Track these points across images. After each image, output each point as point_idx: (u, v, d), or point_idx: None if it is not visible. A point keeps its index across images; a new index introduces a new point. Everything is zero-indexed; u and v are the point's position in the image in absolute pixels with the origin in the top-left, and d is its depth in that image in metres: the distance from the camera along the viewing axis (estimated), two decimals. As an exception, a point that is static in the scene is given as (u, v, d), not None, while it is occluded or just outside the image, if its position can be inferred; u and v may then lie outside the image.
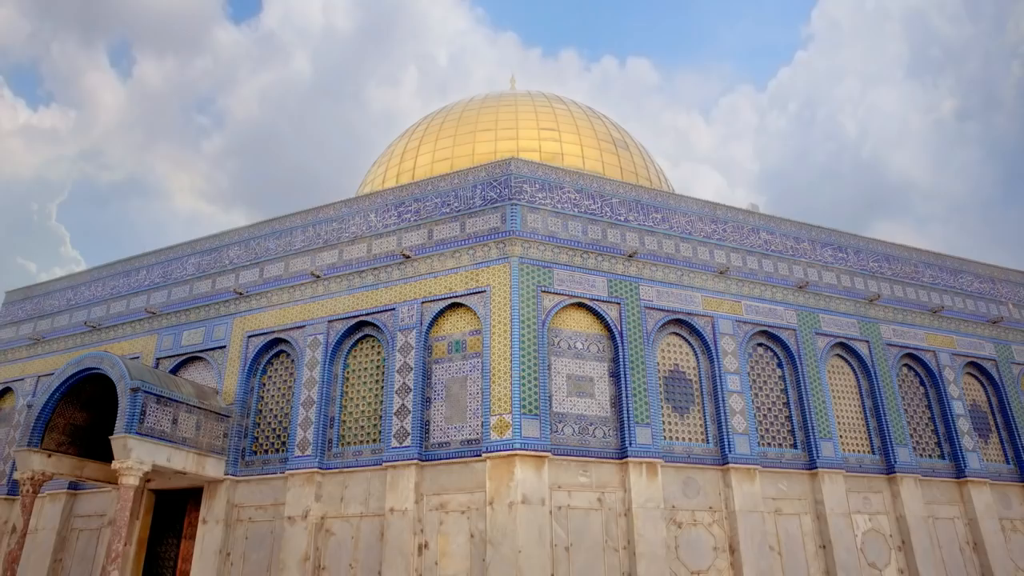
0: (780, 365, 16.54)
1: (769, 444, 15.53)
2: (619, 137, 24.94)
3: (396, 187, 16.81)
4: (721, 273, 16.45)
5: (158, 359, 17.88)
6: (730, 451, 14.52)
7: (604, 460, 13.63)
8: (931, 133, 62.42)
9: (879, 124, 63.92)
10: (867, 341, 17.57)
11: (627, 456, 13.55)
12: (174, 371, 17.52)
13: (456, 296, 14.76)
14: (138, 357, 17.92)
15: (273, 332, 16.56)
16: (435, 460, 13.67)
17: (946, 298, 19.39)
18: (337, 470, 14.54)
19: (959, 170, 61.34)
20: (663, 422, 14.63)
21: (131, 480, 13.48)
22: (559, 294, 14.64)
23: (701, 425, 15.00)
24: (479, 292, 14.57)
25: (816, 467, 15.22)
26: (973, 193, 59.16)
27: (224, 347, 17.05)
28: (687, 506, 13.92)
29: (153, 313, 18.50)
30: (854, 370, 17.43)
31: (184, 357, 17.58)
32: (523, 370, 13.49)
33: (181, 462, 14.54)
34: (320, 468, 14.56)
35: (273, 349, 16.70)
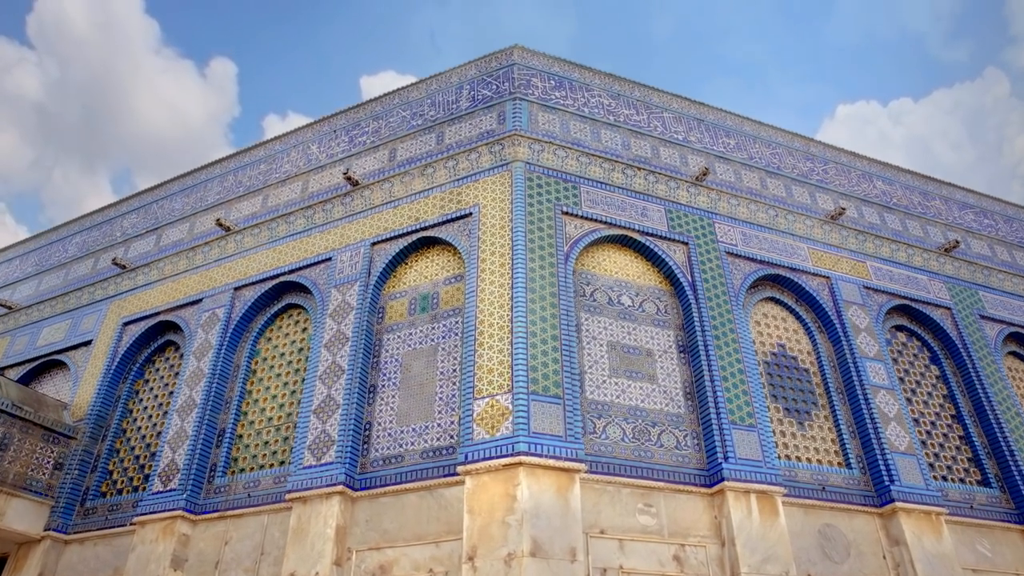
0: (935, 360, 10.60)
1: (945, 478, 9.37)
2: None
3: (351, 107, 11.66)
4: (833, 218, 10.89)
5: (3, 368, 12.24)
6: (892, 482, 8.40)
7: (680, 487, 7.58)
8: (939, 255, 58.67)
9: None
10: (1053, 334, 11.65)
11: (723, 479, 7.49)
12: (25, 382, 11.85)
13: (426, 227, 9.24)
14: (-21, 368, 12.31)
15: (159, 313, 10.97)
16: (376, 487, 7.68)
17: None
18: (216, 514, 8.51)
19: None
20: (773, 431, 8.64)
21: None
22: (591, 219, 9.08)
23: (834, 439, 8.95)
24: (462, 217, 9.07)
25: (1032, 516, 8.98)
26: (983, 313, 54.81)
27: (90, 342, 11.45)
28: (832, 575, 7.68)
29: (9, 308, 13.04)
30: (1041, 376, 11.41)
31: (39, 362, 11.94)
32: (533, 326, 7.74)
33: (-44, 500, 8.62)
34: (188, 512, 8.54)
35: (157, 340, 11.07)
